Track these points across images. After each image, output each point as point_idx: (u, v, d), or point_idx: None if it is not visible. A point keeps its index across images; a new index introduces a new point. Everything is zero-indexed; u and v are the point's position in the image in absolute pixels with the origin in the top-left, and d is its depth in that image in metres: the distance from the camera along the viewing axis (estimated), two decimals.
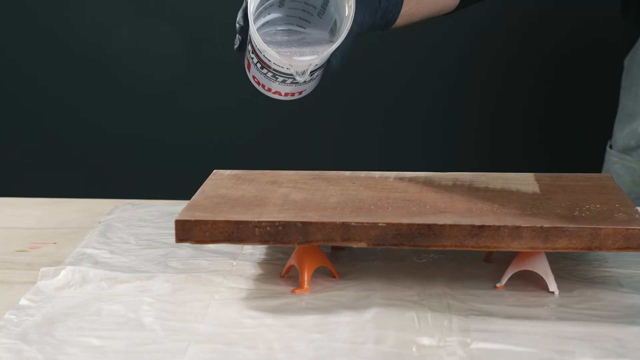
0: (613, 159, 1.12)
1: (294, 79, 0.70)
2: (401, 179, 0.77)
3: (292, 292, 0.67)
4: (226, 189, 0.74)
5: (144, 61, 1.53)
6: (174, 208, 0.87)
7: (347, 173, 0.79)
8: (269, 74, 0.71)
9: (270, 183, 0.76)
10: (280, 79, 0.71)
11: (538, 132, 1.52)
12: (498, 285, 0.68)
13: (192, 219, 0.66)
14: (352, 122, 1.52)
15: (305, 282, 0.67)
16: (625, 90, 1.14)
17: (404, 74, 1.52)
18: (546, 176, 0.77)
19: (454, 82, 1.53)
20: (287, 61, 0.69)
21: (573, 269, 0.71)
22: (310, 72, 0.70)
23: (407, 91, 1.53)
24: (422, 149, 1.55)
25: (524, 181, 0.76)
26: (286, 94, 0.73)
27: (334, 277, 0.70)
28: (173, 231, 0.66)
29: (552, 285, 0.67)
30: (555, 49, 1.50)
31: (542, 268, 0.67)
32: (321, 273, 0.70)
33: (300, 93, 0.73)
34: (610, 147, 1.15)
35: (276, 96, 0.73)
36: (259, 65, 0.71)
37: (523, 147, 1.53)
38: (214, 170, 0.80)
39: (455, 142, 1.54)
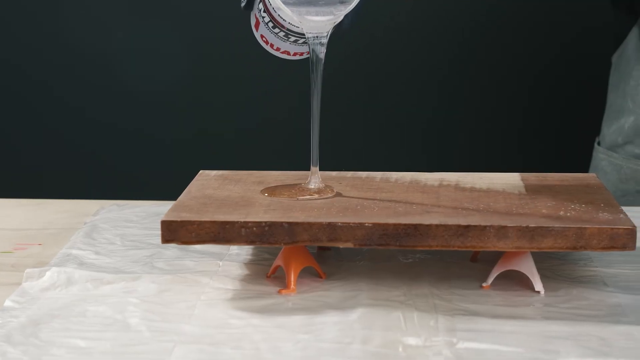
0: (600, 155, 1.13)
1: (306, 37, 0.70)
2: (387, 179, 0.77)
3: (279, 292, 0.67)
4: (212, 190, 0.74)
5: (128, 59, 1.53)
6: (160, 209, 0.87)
7: (334, 173, 0.79)
8: (281, 34, 0.70)
9: (256, 183, 0.75)
10: (293, 38, 0.70)
11: (526, 129, 1.53)
12: (484, 285, 0.68)
13: (178, 219, 0.65)
14: (341, 122, 1.52)
15: (292, 283, 0.67)
16: (613, 87, 1.14)
17: (389, 74, 1.53)
18: (532, 176, 0.78)
19: (439, 81, 1.53)
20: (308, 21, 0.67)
21: (558, 268, 0.71)
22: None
23: (394, 91, 1.53)
24: (407, 150, 1.55)
25: (510, 181, 0.76)
26: (295, 54, 0.72)
27: (321, 277, 0.70)
28: (159, 232, 0.66)
29: (538, 285, 0.67)
30: (543, 46, 1.50)
31: (528, 268, 0.67)
32: (308, 273, 0.70)
33: (308, 53, 0.73)
34: (599, 143, 1.16)
35: (284, 56, 0.73)
36: (270, 24, 0.70)
37: (510, 145, 1.54)
38: (200, 171, 0.80)
39: (440, 142, 1.55)
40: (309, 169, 0.73)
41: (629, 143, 1.08)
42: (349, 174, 0.79)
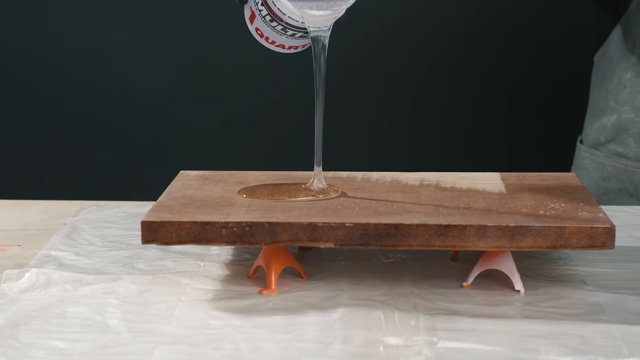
0: (583, 154, 1.14)
1: (304, 31, 0.70)
2: (368, 179, 0.77)
3: (260, 292, 0.67)
4: (193, 190, 0.73)
5: (110, 54, 1.52)
6: (140, 209, 0.86)
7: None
8: (279, 27, 0.70)
9: (237, 184, 0.75)
10: (290, 32, 0.70)
11: (508, 128, 1.53)
12: (465, 284, 0.68)
13: (159, 220, 0.65)
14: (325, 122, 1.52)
15: (273, 283, 0.67)
16: (595, 86, 1.15)
17: (370, 74, 1.53)
18: (512, 175, 0.78)
19: (421, 81, 1.53)
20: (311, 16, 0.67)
21: (538, 267, 0.72)
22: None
23: (375, 91, 1.54)
24: (389, 149, 1.55)
25: (490, 180, 0.76)
26: (290, 47, 0.72)
27: (302, 277, 0.70)
28: (139, 232, 0.66)
29: (518, 284, 0.67)
30: (526, 45, 1.51)
31: (508, 267, 0.67)
32: (288, 273, 0.70)
33: (303, 46, 0.73)
34: (581, 142, 1.16)
35: (279, 49, 0.73)
36: (268, 17, 0.70)
37: (493, 144, 1.54)
38: (181, 171, 0.80)
39: (422, 141, 1.55)
40: (294, 169, 0.73)
41: (611, 141, 1.09)
42: (330, 173, 0.79)
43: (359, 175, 0.78)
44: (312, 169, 0.73)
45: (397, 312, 0.63)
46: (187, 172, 0.80)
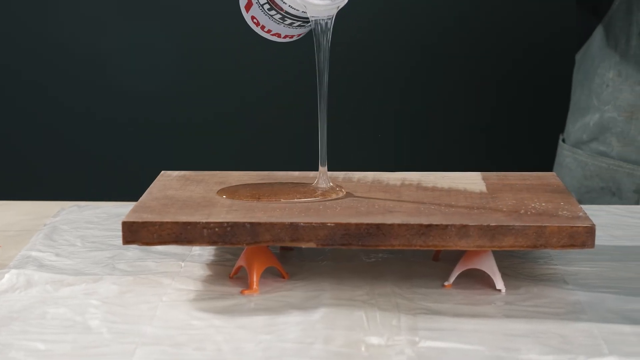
0: (565, 152, 1.14)
1: (303, 20, 0.70)
2: (350, 178, 0.77)
3: (241, 293, 0.67)
4: (174, 190, 0.73)
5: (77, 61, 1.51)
6: (121, 210, 0.86)
7: (296, 173, 0.79)
8: (277, 16, 0.70)
9: (219, 184, 0.75)
10: (289, 21, 0.70)
11: (491, 127, 1.54)
12: (446, 283, 0.68)
13: (140, 220, 0.65)
14: (311, 122, 1.52)
15: (254, 283, 0.67)
16: (577, 85, 1.15)
17: (353, 73, 1.53)
18: (493, 175, 0.78)
19: (404, 80, 1.53)
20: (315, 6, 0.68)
21: (519, 266, 0.72)
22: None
23: (358, 90, 1.54)
24: (371, 149, 1.55)
25: (471, 180, 0.76)
26: (285, 36, 0.72)
27: (283, 277, 0.69)
28: (120, 233, 0.65)
29: (499, 283, 0.67)
30: (509, 45, 1.51)
31: (489, 266, 0.67)
32: (270, 273, 0.70)
33: (299, 35, 0.73)
34: (564, 140, 1.17)
35: (274, 38, 0.72)
36: (266, 6, 0.70)
37: (475, 143, 1.54)
38: (162, 171, 0.80)
39: (403, 140, 1.55)
40: (275, 169, 0.72)
41: (593, 140, 1.10)
42: (311, 173, 0.79)
43: (340, 175, 0.78)
44: (298, 169, 0.73)
45: (379, 312, 0.63)
46: (169, 172, 0.79)
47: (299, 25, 0.70)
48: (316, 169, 0.73)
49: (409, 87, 1.53)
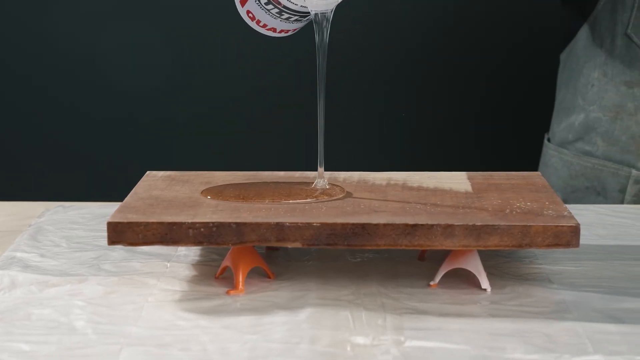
0: (551, 152, 1.15)
1: (300, 15, 0.69)
2: (335, 178, 0.77)
3: (227, 293, 0.67)
4: (159, 190, 0.73)
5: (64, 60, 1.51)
6: (106, 210, 0.86)
7: (281, 173, 0.79)
8: (274, 10, 0.69)
9: (204, 184, 0.75)
10: (285, 15, 0.70)
11: (476, 127, 1.54)
12: (432, 283, 0.68)
13: (125, 220, 0.65)
14: (301, 121, 1.52)
15: (240, 283, 0.67)
16: (562, 84, 1.16)
17: (340, 72, 1.53)
18: (478, 174, 0.78)
19: (389, 80, 1.53)
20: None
21: (505, 266, 0.72)
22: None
23: (345, 89, 1.54)
24: (357, 149, 1.55)
25: (457, 180, 0.77)
26: (281, 31, 0.72)
27: (269, 277, 0.69)
28: (105, 233, 0.65)
29: (485, 283, 0.67)
30: (493, 44, 1.51)
31: (475, 266, 0.68)
32: (256, 274, 0.70)
33: (294, 30, 0.73)
34: (549, 140, 1.17)
35: (270, 33, 0.72)
36: (263, 1, 0.69)
37: (460, 142, 1.55)
38: (147, 172, 0.79)
39: (390, 140, 1.55)
40: (261, 169, 0.72)
41: (579, 140, 1.10)
42: (297, 173, 0.79)
43: (325, 174, 0.78)
44: (285, 168, 0.73)
45: (365, 312, 0.63)
46: (154, 172, 0.79)
47: (295, 20, 0.70)
48: (303, 168, 0.73)
49: (394, 87, 1.53)
